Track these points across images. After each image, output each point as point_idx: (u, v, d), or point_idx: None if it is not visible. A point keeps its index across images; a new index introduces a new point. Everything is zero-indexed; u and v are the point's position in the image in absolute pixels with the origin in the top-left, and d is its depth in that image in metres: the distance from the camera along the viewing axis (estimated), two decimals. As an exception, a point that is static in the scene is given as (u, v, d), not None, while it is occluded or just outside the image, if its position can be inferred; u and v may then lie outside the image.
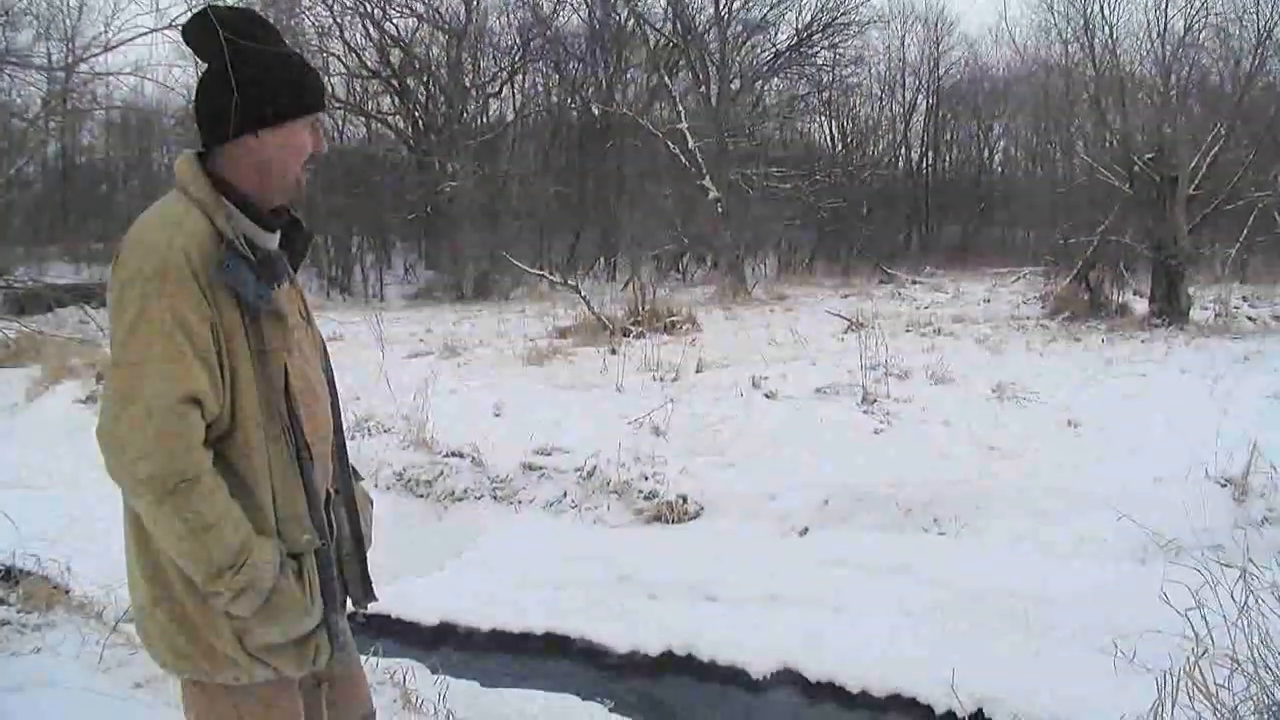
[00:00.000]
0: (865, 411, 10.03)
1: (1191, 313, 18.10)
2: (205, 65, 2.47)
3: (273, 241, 2.51)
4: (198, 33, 2.44)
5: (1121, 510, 7.10)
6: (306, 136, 2.51)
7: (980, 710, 5.39)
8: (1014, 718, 4.88)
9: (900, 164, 48.36)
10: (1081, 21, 21.13)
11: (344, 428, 2.80)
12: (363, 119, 38.51)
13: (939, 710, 5.39)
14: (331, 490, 2.67)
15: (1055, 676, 5.21)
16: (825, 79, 39.50)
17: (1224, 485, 7.79)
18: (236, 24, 2.41)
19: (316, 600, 2.43)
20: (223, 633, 2.36)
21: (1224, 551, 3.96)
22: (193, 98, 2.54)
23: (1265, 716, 3.35)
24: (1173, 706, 3.49)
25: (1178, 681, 3.50)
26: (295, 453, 2.39)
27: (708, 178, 27.47)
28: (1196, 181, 19.13)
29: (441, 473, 8.97)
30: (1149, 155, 18.83)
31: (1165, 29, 21.12)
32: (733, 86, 31.58)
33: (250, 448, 2.35)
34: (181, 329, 2.23)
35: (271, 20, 2.69)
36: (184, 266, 2.24)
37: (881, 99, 47.27)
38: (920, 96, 48.01)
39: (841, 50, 37.04)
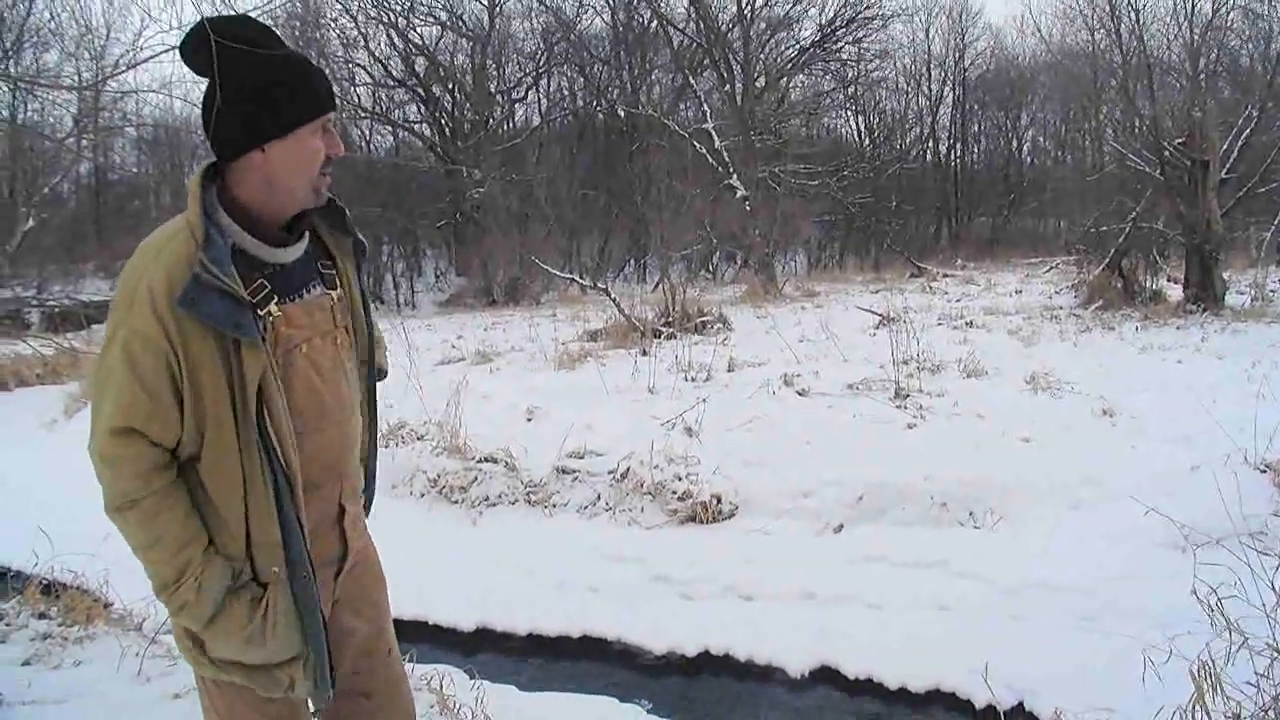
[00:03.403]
0: (898, 406, 9.98)
1: (1227, 298, 17.94)
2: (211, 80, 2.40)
3: (288, 255, 2.48)
4: (193, 49, 2.38)
5: (1159, 499, 7.06)
6: (317, 142, 2.43)
7: (1020, 704, 5.37)
8: (1054, 711, 4.84)
9: (928, 157, 48.33)
10: (1107, 7, 20.95)
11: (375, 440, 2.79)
12: (390, 128, 38.71)
13: (979, 704, 5.37)
14: (346, 506, 2.66)
15: (1094, 668, 5.18)
16: (850, 74, 39.59)
17: (1264, 471, 7.71)
18: (233, 32, 2.34)
19: (273, 633, 2.41)
20: (192, 637, 2.44)
21: (1265, 538, 3.91)
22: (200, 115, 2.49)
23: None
24: (1213, 697, 3.46)
25: (1218, 672, 3.47)
26: (274, 480, 2.36)
27: (735, 176, 27.47)
28: (1228, 165, 18.97)
29: (475, 478, 8.98)
30: (1179, 140, 18.66)
31: (1193, 12, 21.01)
32: (757, 84, 31.62)
33: (221, 472, 2.35)
34: (129, 361, 2.26)
35: (296, 32, 2.64)
36: (145, 299, 2.25)
37: (907, 92, 47.27)
38: (946, 88, 47.96)
39: (866, 45, 37.10)
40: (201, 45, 2.32)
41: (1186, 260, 18.63)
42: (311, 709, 2.63)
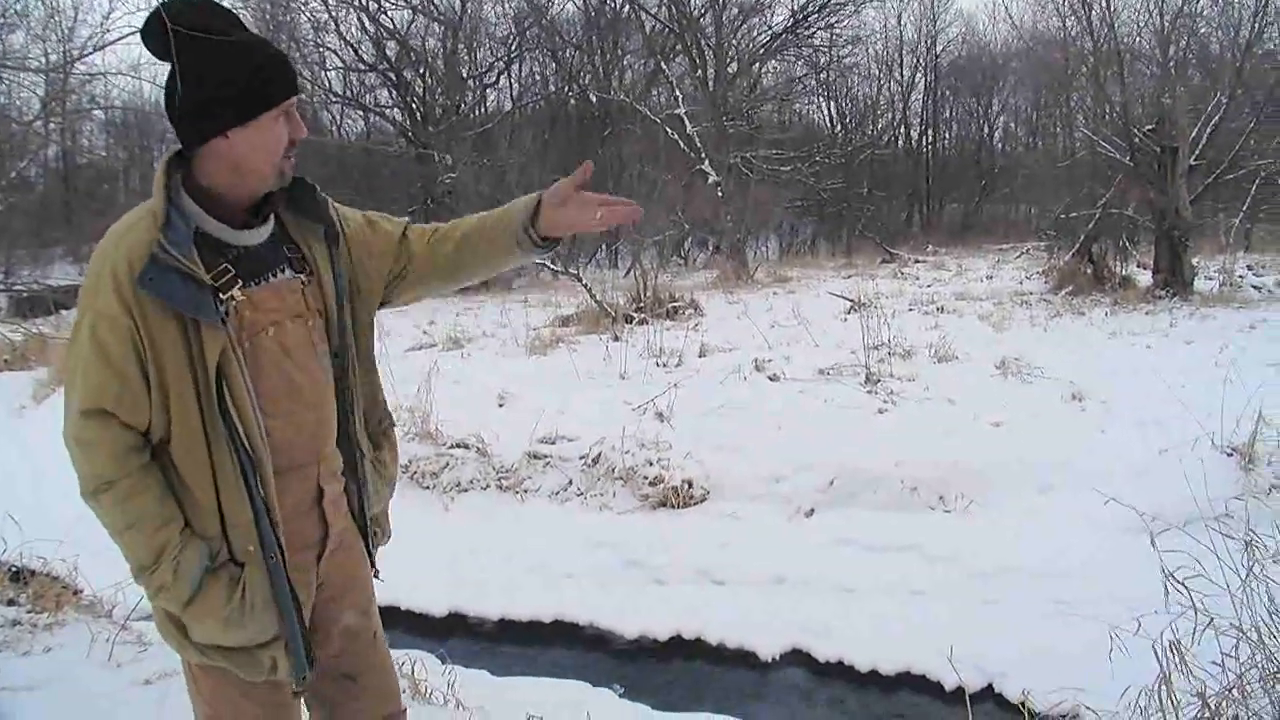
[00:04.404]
0: (869, 391, 10.02)
1: (1195, 283, 18.08)
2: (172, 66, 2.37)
3: (253, 237, 2.46)
4: (153, 35, 2.33)
5: (1127, 483, 7.12)
6: (281, 127, 2.41)
7: (990, 685, 5.43)
8: (1023, 692, 4.88)
9: (900, 143, 48.39)
10: (1078, -7, 21.03)
11: (362, 427, 2.77)
12: (361, 113, 38.52)
13: (948, 686, 5.41)
14: (325, 487, 2.64)
15: (1062, 651, 5.23)
16: (822, 60, 39.46)
17: (1230, 454, 7.79)
18: (191, 19, 2.29)
19: (252, 614, 2.41)
20: (174, 621, 2.44)
21: (1232, 521, 3.96)
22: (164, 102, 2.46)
23: (1271, 684, 3.36)
24: (1179, 677, 3.50)
25: (1183, 652, 3.50)
26: (239, 462, 2.36)
27: (707, 162, 27.43)
28: (1198, 151, 19.07)
29: (447, 464, 8.97)
30: (1149, 126, 18.78)
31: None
32: (730, 70, 31.53)
33: (189, 453, 2.35)
34: (96, 341, 2.27)
35: (266, 15, 2.61)
36: (109, 281, 2.25)
37: (880, 78, 47.27)
38: (918, 75, 48.00)
39: (838, 30, 36.92)
40: (161, 31, 2.29)
41: (1156, 246, 18.77)
42: (293, 690, 2.63)
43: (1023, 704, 4.55)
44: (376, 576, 2.92)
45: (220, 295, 2.34)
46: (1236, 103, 20.74)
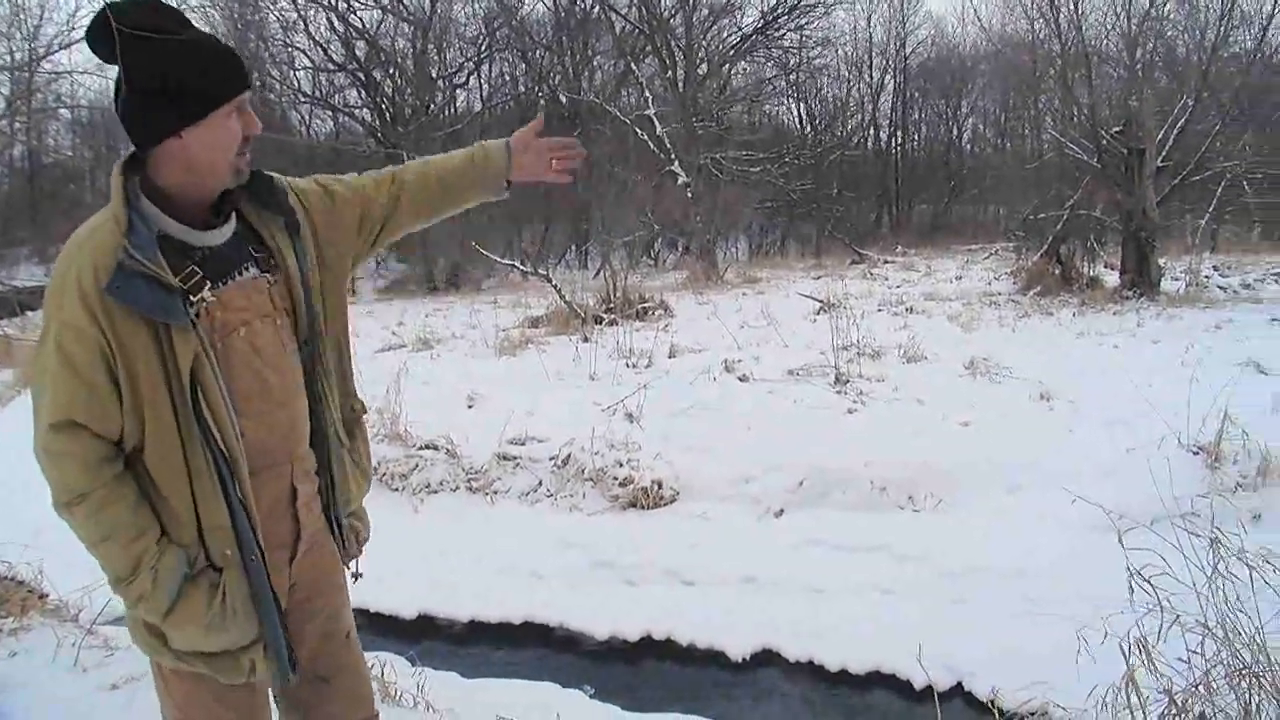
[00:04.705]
0: (838, 392, 10.04)
1: (1162, 284, 18.22)
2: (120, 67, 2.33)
3: (216, 237, 2.44)
4: (99, 36, 2.28)
5: (1095, 482, 7.17)
6: (234, 123, 2.38)
7: (959, 684, 5.44)
8: (991, 690, 4.90)
9: (869, 144, 48.62)
10: (1047, -4, 21.15)
11: (335, 422, 2.74)
12: (330, 113, 38.41)
13: (918, 685, 5.42)
14: (299, 487, 2.63)
15: (1031, 649, 5.24)
16: (792, 61, 39.62)
17: (1197, 453, 7.84)
18: (136, 19, 2.25)
19: (233, 618, 2.41)
20: (151, 628, 2.42)
21: (1198, 519, 3.98)
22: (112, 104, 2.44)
23: (1236, 680, 3.38)
24: (1145, 674, 3.52)
25: (1149, 649, 3.52)
26: (215, 464, 2.34)
27: (677, 163, 27.47)
28: (1164, 153, 19.21)
29: (416, 465, 8.93)
30: (1116, 128, 18.91)
31: (1130, 2, 21.23)
32: (699, 71, 31.57)
33: (164, 459, 2.33)
34: (63, 352, 2.25)
35: (235, 14, 2.59)
36: (74, 290, 2.23)
37: (849, 80, 47.46)
38: (888, 76, 48.26)
39: (808, 32, 37.13)
40: (105, 33, 2.24)
41: (1123, 247, 18.90)
42: (272, 693, 2.62)
43: (991, 702, 4.57)
44: (356, 577, 2.91)
45: (190, 298, 2.32)
46: (1203, 105, 20.93)
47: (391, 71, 36.11)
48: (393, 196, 2.80)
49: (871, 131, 48.89)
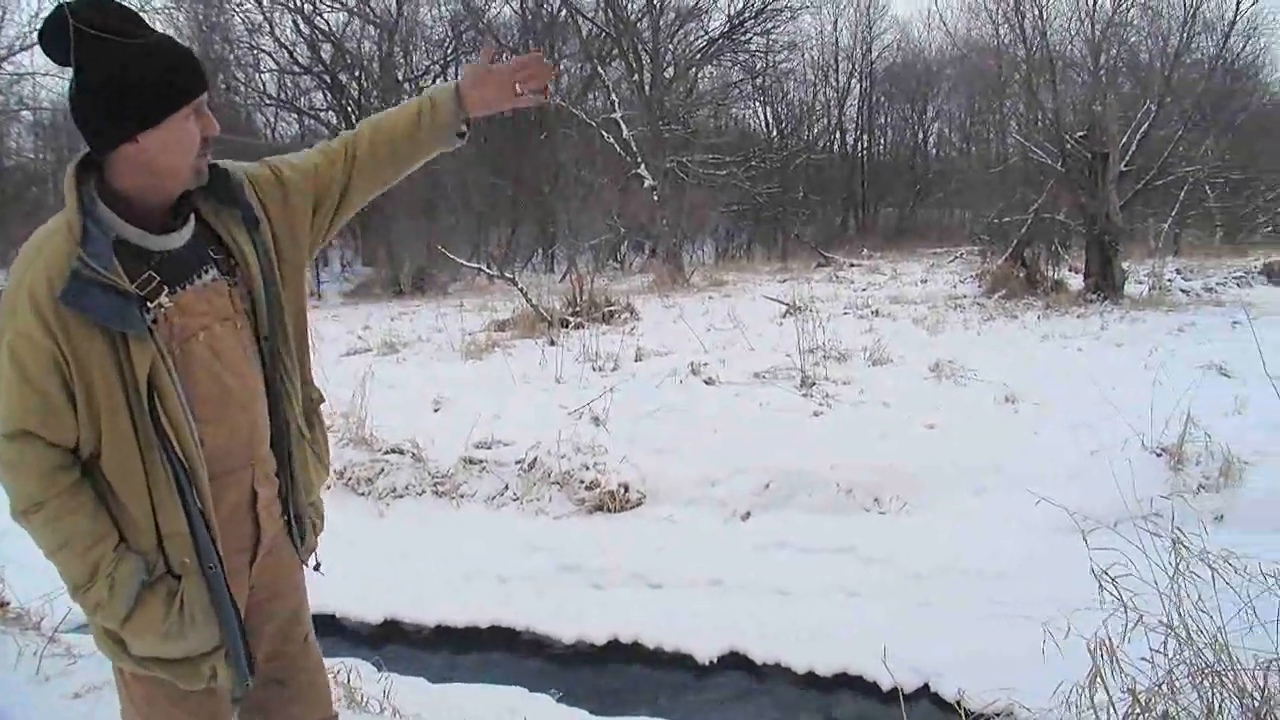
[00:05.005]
0: (804, 395, 10.06)
1: (1126, 287, 18.36)
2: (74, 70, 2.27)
3: (174, 240, 2.39)
4: (53, 37, 2.22)
5: (1060, 484, 7.20)
6: (192, 126, 2.32)
7: (926, 685, 5.46)
8: (958, 691, 4.92)
9: (835, 148, 48.78)
10: (1011, 3, 21.28)
11: (295, 421, 2.71)
12: (295, 115, 38.25)
13: (885, 687, 5.43)
14: (259, 490, 2.60)
15: (997, 650, 5.26)
16: (759, 65, 39.68)
17: (1160, 455, 7.91)
18: (90, 19, 2.19)
19: (191, 625, 2.38)
20: (111, 633, 2.39)
21: (1161, 520, 4.01)
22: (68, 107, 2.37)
23: (1199, 679, 3.40)
24: (1110, 673, 3.53)
25: (1113, 649, 3.54)
26: (173, 473, 2.31)
27: (643, 166, 27.47)
28: (1127, 158, 19.38)
29: (382, 470, 8.90)
30: (1080, 133, 19.06)
31: (1094, 9, 21.40)
32: (666, 74, 31.62)
33: (121, 466, 2.29)
34: (16, 362, 2.21)
35: (200, 16, 2.54)
36: (27, 300, 2.19)
37: (815, 84, 47.63)
38: (854, 80, 48.45)
39: (775, 36, 37.20)
40: (60, 34, 2.19)
41: (1087, 250, 19.03)
42: (232, 698, 2.59)
43: (958, 703, 4.58)
44: (317, 569, 2.88)
45: (147, 304, 2.27)
46: (1165, 110, 21.11)
47: (357, 74, 36.02)
48: (346, 172, 2.74)
49: (837, 135, 49.09)
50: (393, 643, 6.55)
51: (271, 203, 2.61)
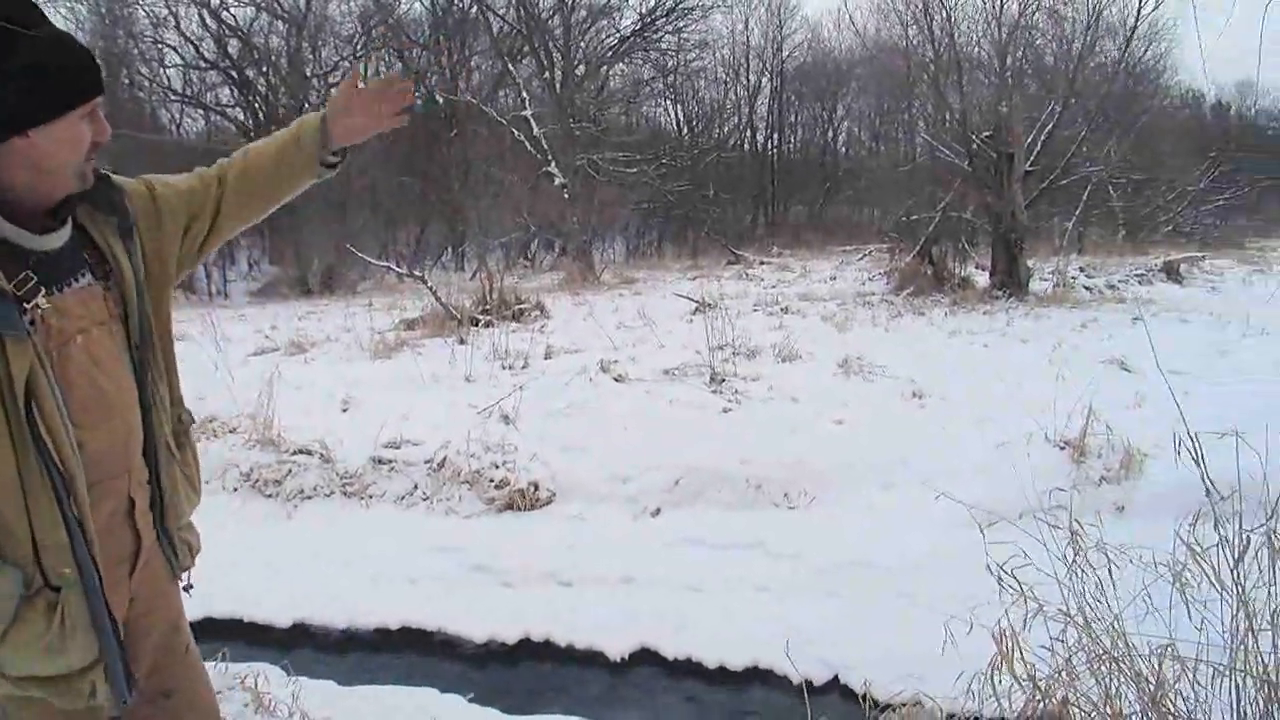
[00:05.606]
0: (714, 391, 10.11)
1: (1031, 284, 18.69)
2: None
3: (53, 241, 2.33)
4: None
5: (966, 478, 7.33)
6: (84, 128, 2.28)
7: (835, 677, 5.50)
8: (864, 683, 4.96)
9: (746, 146, 49.04)
10: (920, 5, 21.58)
11: (164, 433, 2.66)
12: (201, 111, 37.68)
13: (795, 680, 5.47)
14: (135, 499, 2.55)
15: (904, 641, 5.32)
16: (670, 63, 39.82)
17: (1063, 448, 8.06)
18: None
19: (72, 638, 2.30)
20: None
21: (1063, 513, 4.09)
22: None
23: (1096, 665, 3.48)
24: (1011, 662, 3.60)
25: (1014, 639, 3.60)
26: (50, 480, 2.23)
27: (554, 164, 27.45)
28: (1033, 158, 19.73)
29: (290, 471, 8.78)
30: (987, 133, 19.34)
31: (1001, 12, 21.77)
32: (577, 72, 31.64)
33: None
34: None
35: (103, 9, 2.48)
36: None
37: (726, 82, 47.88)
38: (764, 79, 48.72)
39: (686, 34, 37.38)
40: None
41: (993, 248, 19.34)
42: (110, 714, 2.53)
43: (865, 695, 4.63)
44: (188, 589, 2.82)
45: (24, 305, 2.21)
46: (1070, 111, 21.55)
47: (265, 70, 35.56)
48: (217, 199, 2.71)
49: (748, 134, 49.40)
50: (301, 646, 6.46)
51: (144, 218, 2.56)
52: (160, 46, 34.81)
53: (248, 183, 2.74)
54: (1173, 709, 3.38)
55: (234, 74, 35.70)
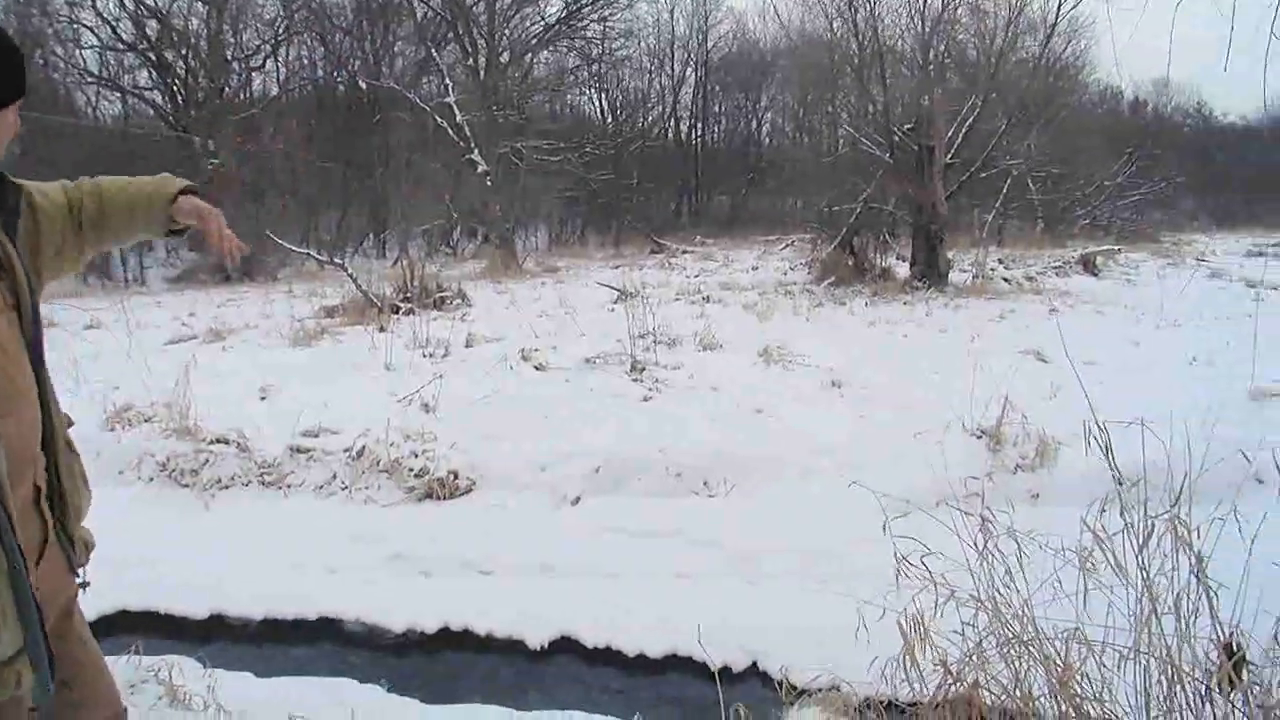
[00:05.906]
0: (634, 380, 10.14)
1: (950, 275, 18.93)
2: None
3: None
4: None
5: (884, 466, 7.41)
6: (13, 119, 2.31)
7: (754, 663, 5.54)
8: (782, 669, 5.00)
9: (670, 135, 49.15)
10: (845, -2, 21.75)
11: (62, 426, 2.63)
12: (118, 94, 37.03)
13: (714, 667, 5.50)
14: (41, 487, 2.51)
15: (819, 627, 5.36)
16: (595, 52, 39.83)
17: (980, 437, 8.17)
18: None
19: (3, 627, 2.28)
20: None
21: (977, 500, 4.15)
22: None
23: (1006, 649, 3.54)
24: (922, 647, 3.65)
25: (926, 624, 3.66)
26: None
27: (477, 151, 27.32)
28: (953, 150, 19.95)
29: (207, 461, 8.68)
30: (908, 126, 19.56)
31: (925, 6, 22.00)
32: (502, 59, 31.48)
33: None
34: None
35: None
36: None
37: (651, 72, 47.98)
38: (689, 69, 48.90)
39: (611, 23, 37.41)
40: None
41: (913, 239, 19.56)
42: (31, 706, 2.49)
43: (782, 681, 4.67)
44: (85, 586, 2.79)
45: None
46: (990, 105, 21.80)
47: (184, 52, 34.98)
48: (76, 224, 2.70)
49: (672, 123, 49.56)
50: (218, 638, 6.39)
51: (25, 223, 2.54)
52: (76, 26, 34.15)
53: (101, 220, 2.74)
54: (1080, 691, 3.44)
55: (152, 56, 35.07)
